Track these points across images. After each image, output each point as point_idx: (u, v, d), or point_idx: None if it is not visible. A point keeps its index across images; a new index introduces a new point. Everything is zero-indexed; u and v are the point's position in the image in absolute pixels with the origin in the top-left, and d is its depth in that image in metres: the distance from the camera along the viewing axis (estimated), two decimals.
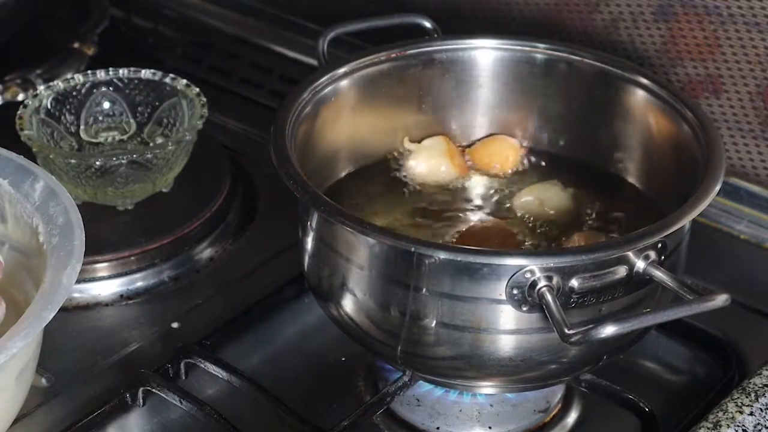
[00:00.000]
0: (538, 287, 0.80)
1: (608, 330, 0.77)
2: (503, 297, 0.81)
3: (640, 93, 0.98)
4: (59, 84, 1.13)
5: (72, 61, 1.29)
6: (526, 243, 0.94)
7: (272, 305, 1.02)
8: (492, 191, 1.01)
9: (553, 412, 0.95)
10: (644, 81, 0.98)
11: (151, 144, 1.14)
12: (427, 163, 1.00)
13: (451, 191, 1.00)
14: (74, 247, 0.77)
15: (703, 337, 1.00)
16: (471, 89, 1.03)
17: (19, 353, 0.72)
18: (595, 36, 1.15)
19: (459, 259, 0.81)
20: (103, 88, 1.15)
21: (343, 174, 1.01)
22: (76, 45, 1.31)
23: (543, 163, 1.02)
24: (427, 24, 1.04)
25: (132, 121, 1.15)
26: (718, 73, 1.10)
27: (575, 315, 0.81)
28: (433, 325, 0.83)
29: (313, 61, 1.06)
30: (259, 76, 1.32)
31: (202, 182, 1.14)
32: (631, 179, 1.00)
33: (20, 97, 1.24)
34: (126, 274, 1.06)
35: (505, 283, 0.81)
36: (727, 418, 0.87)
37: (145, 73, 1.15)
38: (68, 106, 1.13)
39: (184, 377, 0.95)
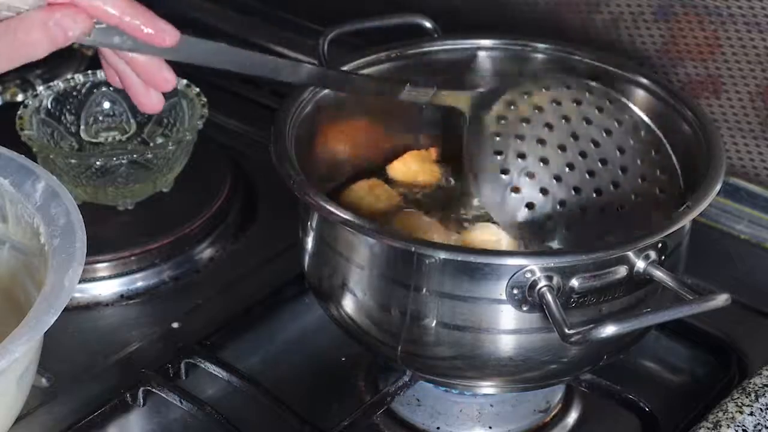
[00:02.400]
0: (538, 287, 0.80)
1: (608, 330, 0.77)
2: (503, 297, 0.81)
3: (640, 93, 0.98)
4: (59, 84, 1.13)
5: (72, 61, 1.29)
6: None
7: (272, 305, 1.02)
8: None
9: (553, 412, 0.95)
10: (644, 81, 0.98)
11: (152, 144, 1.14)
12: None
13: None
14: (76, 250, 0.77)
15: (703, 337, 1.00)
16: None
17: (21, 357, 0.72)
18: (595, 36, 1.15)
19: (459, 259, 0.81)
20: (103, 88, 1.15)
21: (343, 174, 1.01)
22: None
23: None
24: (427, 24, 1.04)
25: (132, 121, 1.16)
26: (718, 73, 1.10)
27: (575, 315, 0.81)
28: (434, 325, 0.83)
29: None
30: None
31: (202, 182, 1.14)
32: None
33: (20, 97, 1.24)
34: (126, 274, 1.06)
35: (505, 283, 0.81)
36: (727, 418, 0.87)
37: None
38: (68, 106, 1.13)
39: (184, 377, 0.95)
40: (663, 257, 0.83)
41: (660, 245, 0.82)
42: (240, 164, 1.19)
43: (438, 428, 0.93)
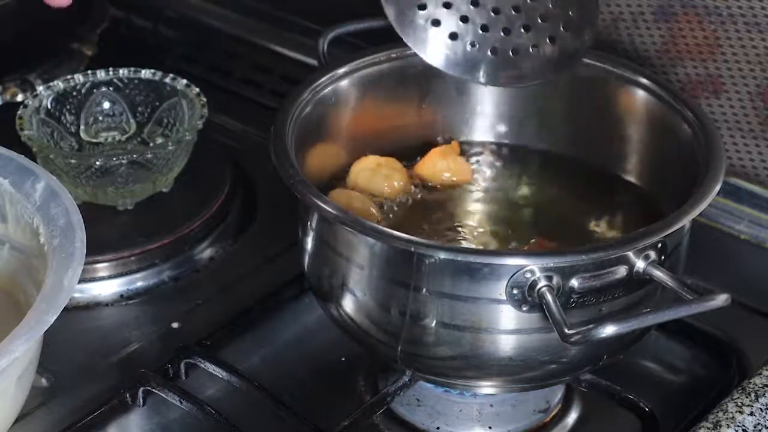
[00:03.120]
0: (538, 287, 0.80)
1: (608, 330, 0.77)
2: (503, 297, 0.81)
3: (640, 93, 0.98)
4: (59, 84, 1.13)
5: (72, 62, 1.29)
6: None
7: (272, 305, 1.02)
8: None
9: (553, 412, 0.95)
10: (644, 81, 0.98)
11: (151, 144, 1.14)
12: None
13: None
14: (75, 249, 0.77)
15: (703, 337, 1.00)
16: (471, 89, 1.02)
17: (21, 357, 0.72)
18: (595, 36, 1.14)
19: (459, 259, 0.81)
20: (103, 88, 1.15)
21: (343, 173, 1.01)
22: (75, 45, 1.31)
23: (543, 164, 1.03)
24: None
25: (132, 121, 1.16)
26: (718, 73, 1.10)
27: (575, 315, 0.81)
28: (433, 325, 0.83)
29: (313, 61, 1.05)
30: (259, 76, 1.32)
31: (202, 182, 1.14)
32: (631, 179, 1.00)
33: (19, 97, 1.24)
34: (126, 274, 1.06)
35: (505, 283, 0.81)
36: (727, 418, 0.87)
37: (145, 73, 1.15)
38: (68, 106, 1.13)
39: (184, 377, 0.95)
40: (663, 257, 0.83)
41: (660, 245, 0.82)
42: (240, 164, 1.19)
43: (438, 428, 0.93)
